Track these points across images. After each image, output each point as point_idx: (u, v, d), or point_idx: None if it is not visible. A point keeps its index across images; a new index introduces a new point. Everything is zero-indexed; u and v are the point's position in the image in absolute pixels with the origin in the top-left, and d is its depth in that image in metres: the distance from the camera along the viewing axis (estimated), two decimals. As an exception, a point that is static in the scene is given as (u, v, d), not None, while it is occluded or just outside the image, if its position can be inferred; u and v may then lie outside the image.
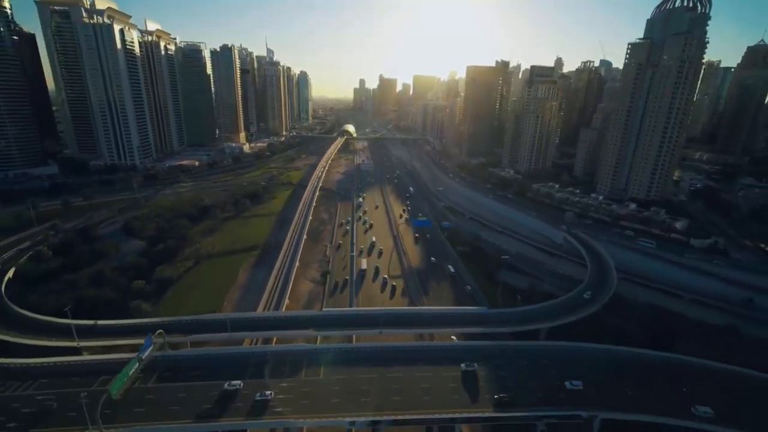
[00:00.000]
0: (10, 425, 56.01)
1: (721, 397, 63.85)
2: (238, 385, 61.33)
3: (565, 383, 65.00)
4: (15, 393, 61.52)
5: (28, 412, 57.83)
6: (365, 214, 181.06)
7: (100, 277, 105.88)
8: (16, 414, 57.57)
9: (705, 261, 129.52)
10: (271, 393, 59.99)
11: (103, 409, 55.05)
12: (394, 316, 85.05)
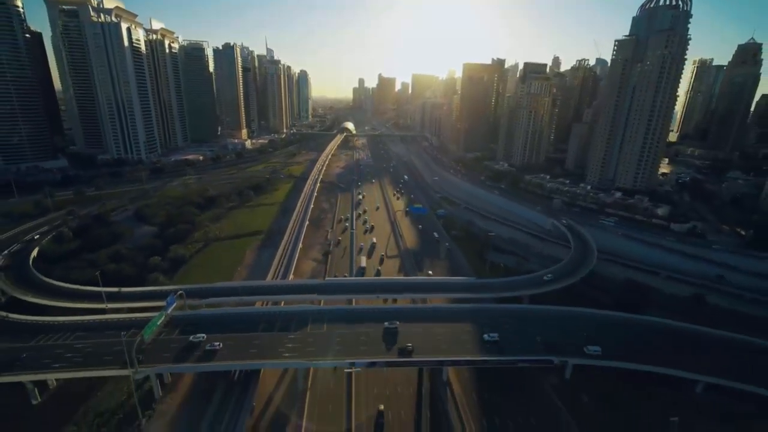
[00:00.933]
0: (55, 365, 64.79)
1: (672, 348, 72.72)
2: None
3: (536, 337, 73.71)
4: (57, 342, 70.16)
5: (70, 356, 66.64)
6: (365, 213, 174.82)
7: (118, 256, 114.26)
8: (60, 358, 66.39)
9: (682, 243, 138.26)
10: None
11: (135, 353, 63.72)
12: (390, 284, 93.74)
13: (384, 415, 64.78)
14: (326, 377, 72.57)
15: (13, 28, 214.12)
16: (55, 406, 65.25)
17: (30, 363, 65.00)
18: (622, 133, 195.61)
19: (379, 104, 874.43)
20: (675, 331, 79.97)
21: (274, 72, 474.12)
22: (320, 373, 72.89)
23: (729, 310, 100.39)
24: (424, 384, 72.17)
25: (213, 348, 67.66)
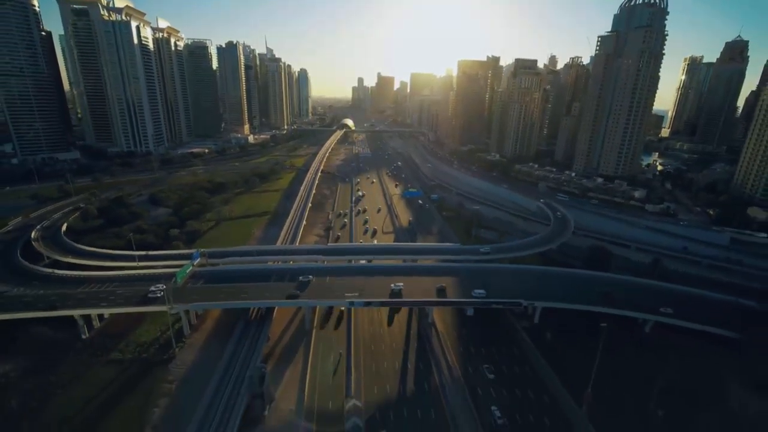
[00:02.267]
0: (102, 304, 77.23)
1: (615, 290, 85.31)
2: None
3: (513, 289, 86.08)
4: (100, 289, 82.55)
5: (113, 299, 78.97)
6: (365, 213, 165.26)
7: (139, 230, 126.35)
8: (105, 299, 78.94)
9: (654, 221, 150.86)
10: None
11: (169, 294, 76.08)
12: (385, 248, 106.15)
13: (378, 347, 77.15)
14: (329, 319, 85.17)
15: (30, 28, 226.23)
16: (101, 339, 77.50)
17: (80, 302, 77.38)
18: (605, 124, 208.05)
19: (378, 103, 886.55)
20: (630, 284, 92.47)
21: (275, 70, 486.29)
22: (324, 317, 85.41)
23: (686, 273, 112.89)
24: (413, 325, 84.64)
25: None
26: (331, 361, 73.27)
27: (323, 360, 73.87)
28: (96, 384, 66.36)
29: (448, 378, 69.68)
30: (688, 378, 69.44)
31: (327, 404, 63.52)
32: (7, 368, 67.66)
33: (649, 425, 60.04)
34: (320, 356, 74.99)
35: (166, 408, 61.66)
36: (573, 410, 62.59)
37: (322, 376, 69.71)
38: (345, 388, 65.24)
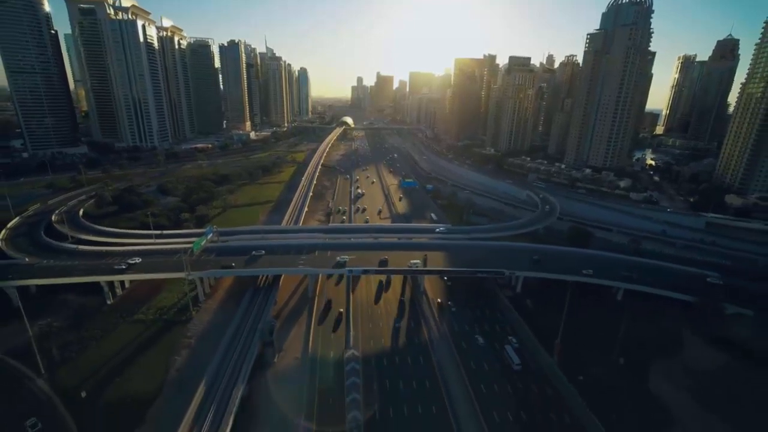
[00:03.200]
0: (128, 271, 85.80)
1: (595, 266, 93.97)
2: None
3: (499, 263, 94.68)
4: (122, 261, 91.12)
5: (135, 268, 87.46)
6: (364, 212, 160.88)
7: (152, 214, 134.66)
8: (128, 268, 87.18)
9: (636, 207, 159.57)
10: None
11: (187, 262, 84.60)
12: (382, 228, 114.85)
13: (375, 311, 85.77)
14: (330, 287, 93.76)
15: (41, 27, 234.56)
16: (125, 305, 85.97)
17: (105, 270, 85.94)
18: (594, 118, 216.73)
19: (378, 102, 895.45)
20: (606, 258, 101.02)
21: (275, 68, 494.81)
22: (326, 286, 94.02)
23: (662, 252, 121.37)
24: (406, 293, 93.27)
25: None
26: (333, 320, 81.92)
27: (325, 321, 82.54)
28: (124, 338, 74.92)
29: (436, 334, 78.33)
30: (649, 334, 78.08)
31: (329, 354, 72.09)
32: (46, 321, 75.93)
33: (611, 370, 68.59)
34: (323, 318, 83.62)
35: (187, 357, 70.23)
36: (545, 359, 71.16)
37: (324, 333, 78.33)
38: (345, 342, 73.77)
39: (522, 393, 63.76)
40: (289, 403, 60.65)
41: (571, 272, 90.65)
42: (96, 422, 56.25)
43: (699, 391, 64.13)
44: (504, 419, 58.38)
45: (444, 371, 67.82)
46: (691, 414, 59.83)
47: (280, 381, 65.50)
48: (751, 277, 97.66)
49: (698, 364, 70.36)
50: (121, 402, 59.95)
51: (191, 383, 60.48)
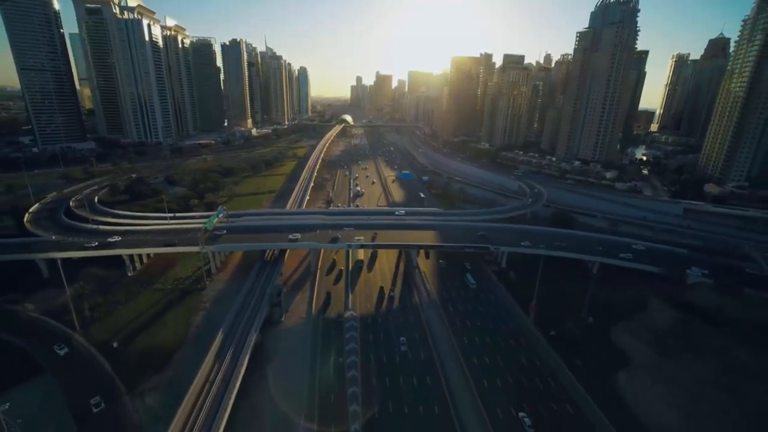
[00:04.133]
0: (146, 247, 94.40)
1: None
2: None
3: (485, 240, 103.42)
4: (140, 237, 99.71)
5: (153, 243, 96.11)
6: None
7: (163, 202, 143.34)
8: (147, 243, 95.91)
9: (620, 196, 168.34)
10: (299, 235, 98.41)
11: (201, 237, 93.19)
12: (378, 211, 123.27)
13: (372, 281, 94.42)
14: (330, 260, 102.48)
15: (51, 27, 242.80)
16: (144, 276, 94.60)
17: (127, 245, 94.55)
18: (584, 113, 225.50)
19: (377, 101, 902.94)
20: (584, 237, 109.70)
21: (276, 67, 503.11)
22: (326, 262, 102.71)
23: (641, 235, 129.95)
24: (401, 267, 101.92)
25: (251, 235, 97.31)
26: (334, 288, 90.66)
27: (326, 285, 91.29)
28: (146, 302, 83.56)
29: (426, 299, 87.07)
30: (618, 300, 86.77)
31: (330, 315, 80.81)
32: (79, 285, 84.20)
33: (580, 327, 77.21)
34: (324, 289, 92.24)
35: (203, 317, 78.92)
36: (523, 319, 79.94)
37: (325, 298, 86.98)
38: (344, 305, 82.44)
39: (500, 344, 72.48)
40: (296, 351, 69.37)
41: (550, 248, 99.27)
42: (128, 365, 64.80)
43: (656, 342, 72.89)
44: (482, 363, 67.11)
45: (432, 328, 76.55)
46: (647, 359, 68.58)
47: (288, 335, 74.22)
48: (717, 253, 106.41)
49: (659, 322, 79.12)
50: (149, 351, 68.59)
51: (210, 335, 69.02)
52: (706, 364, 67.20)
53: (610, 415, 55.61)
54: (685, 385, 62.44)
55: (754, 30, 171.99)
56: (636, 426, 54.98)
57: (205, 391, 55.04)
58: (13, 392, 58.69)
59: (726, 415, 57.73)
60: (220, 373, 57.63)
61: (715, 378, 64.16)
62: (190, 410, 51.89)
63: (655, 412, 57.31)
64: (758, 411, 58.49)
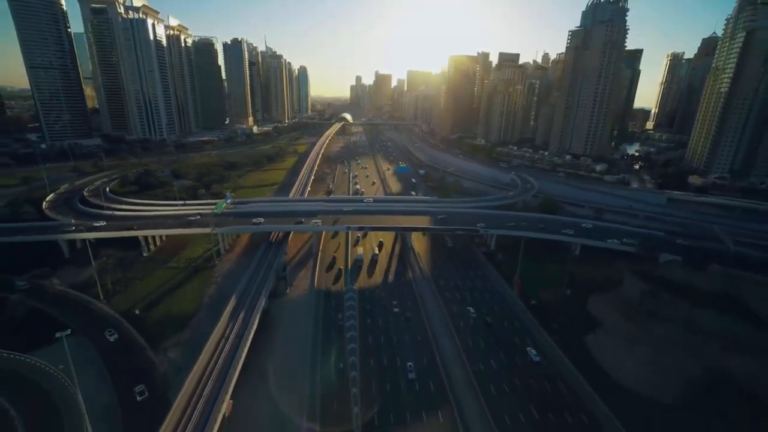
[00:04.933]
0: (160, 228, 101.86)
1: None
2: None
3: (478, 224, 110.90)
4: (155, 221, 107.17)
5: (167, 225, 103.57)
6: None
7: (171, 192, 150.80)
8: (162, 225, 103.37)
9: (608, 187, 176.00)
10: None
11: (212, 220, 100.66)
12: (376, 198, 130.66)
13: (369, 260, 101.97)
14: (331, 244, 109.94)
15: (59, 25, 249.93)
16: (158, 256, 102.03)
17: (143, 227, 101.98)
18: (575, 110, 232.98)
19: (376, 100, 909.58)
20: (568, 222, 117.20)
21: (276, 66, 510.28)
22: (327, 243, 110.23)
23: (625, 222, 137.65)
24: (396, 249, 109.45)
25: (257, 222, 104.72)
26: (335, 267, 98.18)
27: (327, 267, 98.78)
28: (162, 278, 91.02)
29: (419, 276, 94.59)
30: (596, 276, 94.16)
31: (330, 288, 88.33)
32: (102, 260, 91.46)
33: (558, 297, 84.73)
34: (325, 266, 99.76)
35: (215, 290, 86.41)
36: (507, 291, 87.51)
37: (326, 275, 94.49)
38: (344, 280, 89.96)
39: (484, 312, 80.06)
40: (299, 317, 76.91)
41: (533, 230, 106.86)
42: (150, 328, 72.18)
43: (626, 310, 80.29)
44: (466, 325, 74.66)
45: (423, 297, 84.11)
46: (616, 323, 76.06)
47: (292, 305, 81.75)
48: (691, 236, 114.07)
49: (630, 294, 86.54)
50: (167, 317, 76.06)
51: (222, 304, 76.25)
52: (669, 327, 74.59)
53: (579, 366, 63.16)
54: (648, 344, 69.89)
55: (735, 28, 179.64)
56: (601, 374, 62.52)
57: (221, 346, 62.48)
58: (48, 348, 66.11)
59: (683, 368, 65.19)
60: (234, 330, 65.08)
61: (676, 338, 71.60)
62: (208, 361, 59.31)
63: (618, 365, 64.83)
64: (713, 366, 65.87)
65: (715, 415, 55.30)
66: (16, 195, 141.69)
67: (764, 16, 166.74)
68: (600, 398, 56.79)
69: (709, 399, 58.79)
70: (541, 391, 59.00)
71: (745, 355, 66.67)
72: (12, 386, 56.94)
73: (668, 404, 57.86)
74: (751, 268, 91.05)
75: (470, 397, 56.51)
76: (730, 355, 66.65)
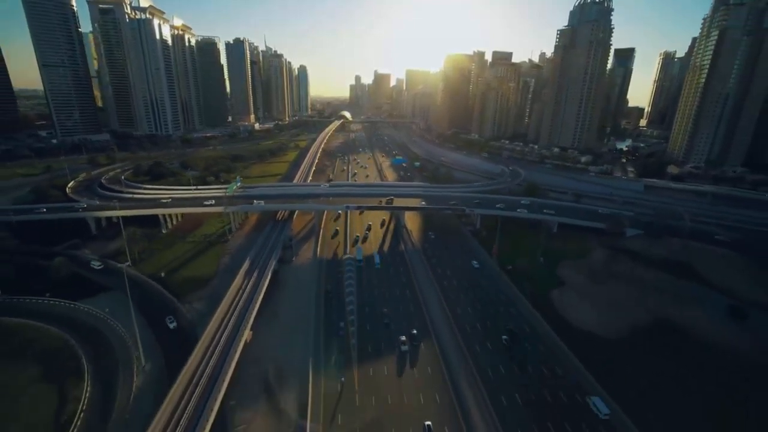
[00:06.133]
0: (177, 207, 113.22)
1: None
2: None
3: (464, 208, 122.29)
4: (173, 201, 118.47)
5: (183, 204, 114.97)
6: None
7: (182, 179, 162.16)
8: (179, 205, 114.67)
9: (590, 176, 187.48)
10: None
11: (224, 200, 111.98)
12: (373, 184, 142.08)
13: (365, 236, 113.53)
14: (331, 225, 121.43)
15: (69, 26, 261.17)
16: (176, 233, 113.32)
17: (162, 206, 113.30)
18: (564, 105, 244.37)
19: (376, 99, 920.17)
20: (548, 203, 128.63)
21: (277, 65, 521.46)
22: (328, 223, 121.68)
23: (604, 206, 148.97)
24: (390, 227, 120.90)
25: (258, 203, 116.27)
26: (335, 240, 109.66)
27: (328, 241, 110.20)
28: (181, 250, 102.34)
29: (411, 248, 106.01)
30: (569, 248, 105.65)
31: (331, 256, 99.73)
32: (132, 230, 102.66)
33: (532, 264, 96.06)
34: (325, 241, 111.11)
35: (229, 259, 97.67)
36: (488, 260, 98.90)
37: (328, 247, 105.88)
38: (343, 249, 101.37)
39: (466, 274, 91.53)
40: (305, 278, 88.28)
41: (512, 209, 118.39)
42: (175, 287, 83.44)
43: (590, 273, 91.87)
44: (450, 285, 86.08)
45: (413, 263, 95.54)
46: (579, 283, 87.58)
47: (298, 270, 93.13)
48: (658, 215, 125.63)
49: (596, 261, 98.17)
50: (189, 279, 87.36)
51: (237, 269, 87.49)
52: (624, 286, 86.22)
53: (542, 313, 74.55)
54: (603, 299, 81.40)
55: (710, 28, 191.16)
56: (558, 319, 73.88)
57: (239, 294, 73.78)
58: (91, 299, 77.54)
59: (632, 316, 76.51)
60: (250, 283, 76.41)
61: (629, 294, 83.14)
62: (229, 304, 70.52)
63: (575, 314, 76.16)
64: (658, 316, 77.09)
65: (653, 350, 66.54)
66: (41, 182, 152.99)
67: (735, 16, 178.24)
68: (556, 335, 68.15)
69: (650, 338, 70.15)
70: (509, 329, 70.14)
71: (687, 307, 78.27)
72: (71, 326, 68.22)
73: (614, 340, 69.13)
74: (702, 241, 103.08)
75: (447, 332, 67.98)
76: (673, 307, 78.25)
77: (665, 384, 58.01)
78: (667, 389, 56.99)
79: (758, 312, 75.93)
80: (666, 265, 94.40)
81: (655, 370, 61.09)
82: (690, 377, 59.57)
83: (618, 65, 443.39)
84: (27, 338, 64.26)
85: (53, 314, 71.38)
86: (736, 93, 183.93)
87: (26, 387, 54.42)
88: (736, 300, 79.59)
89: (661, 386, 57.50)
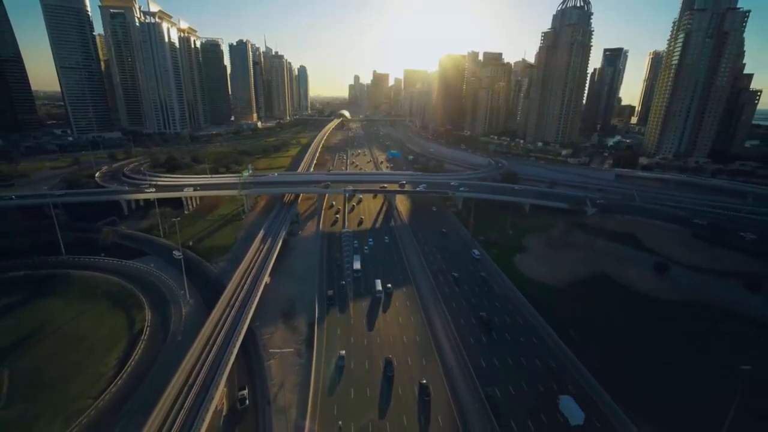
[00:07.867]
0: (197, 190, 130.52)
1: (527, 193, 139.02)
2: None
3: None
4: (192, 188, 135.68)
5: (202, 188, 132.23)
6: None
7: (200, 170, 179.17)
8: (199, 189, 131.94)
9: (569, 167, 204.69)
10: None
11: (239, 184, 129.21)
12: (369, 173, 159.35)
13: (361, 215, 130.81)
14: (330, 211, 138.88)
15: (84, 29, 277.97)
16: (197, 212, 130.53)
17: (183, 189, 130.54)
18: (548, 102, 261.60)
19: (374, 99, 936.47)
20: (523, 189, 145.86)
21: (278, 66, 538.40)
22: (328, 208, 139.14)
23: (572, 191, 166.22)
24: (384, 209, 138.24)
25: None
26: (335, 220, 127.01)
27: (329, 219, 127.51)
28: (203, 226, 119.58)
29: (400, 225, 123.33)
30: (536, 224, 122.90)
31: (332, 230, 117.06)
32: (162, 210, 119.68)
33: (502, 235, 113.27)
34: (326, 220, 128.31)
35: (244, 233, 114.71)
36: (465, 233, 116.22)
37: (329, 224, 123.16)
38: (341, 226, 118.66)
39: (445, 244, 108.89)
40: (311, 245, 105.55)
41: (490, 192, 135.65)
42: (201, 252, 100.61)
43: (549, 241, 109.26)
44: (431, 251, 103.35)
45: (401, 234, 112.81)
46: (539, 249, 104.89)
47: (304, 241, 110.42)
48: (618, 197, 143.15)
49: (556, 233, 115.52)
50: (212, 247, 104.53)
51: (251, 241, 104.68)
52: (575, 251, 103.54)
53: (504, 270, 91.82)
54: (556, 260, 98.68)
55: (678, 31, 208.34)
56: (517, 274, 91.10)
57: (257, 255, 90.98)
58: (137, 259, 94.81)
59: (576, 271, 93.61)
60: (266, 245, 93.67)
61: (578, 257, 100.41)
62: (250, 261, 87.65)
63: (532, 270, 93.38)
64: (597, 271, 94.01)
65: (588, 293, 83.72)
66: (70, 173, 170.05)
67: (698, 20, 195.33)
68: (512, 283, 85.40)
69: (588, 286, 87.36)
70: (475, 281, 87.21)
71: (622, 265, 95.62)
72: (126, 276, 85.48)
73: (560, 288, 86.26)
74: (646, 216, 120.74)
75: (424, 281, 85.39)
76: (611, 265, 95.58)
77: (596, 316, 74.97)
78: (596, 320, 73.99)
79: (679, 267, 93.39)
80: (614, 236, 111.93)
81: (588, 307, 78.26)
82: (616, 313, 76.57)
83: (607, 65, 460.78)
84: (93, 284, 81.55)
85: (108, 268, 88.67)
86: (701, 91, 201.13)
87: (102, 313, 71.72)
88: (663, 259, 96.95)
89: (595, 319, 74.20)
